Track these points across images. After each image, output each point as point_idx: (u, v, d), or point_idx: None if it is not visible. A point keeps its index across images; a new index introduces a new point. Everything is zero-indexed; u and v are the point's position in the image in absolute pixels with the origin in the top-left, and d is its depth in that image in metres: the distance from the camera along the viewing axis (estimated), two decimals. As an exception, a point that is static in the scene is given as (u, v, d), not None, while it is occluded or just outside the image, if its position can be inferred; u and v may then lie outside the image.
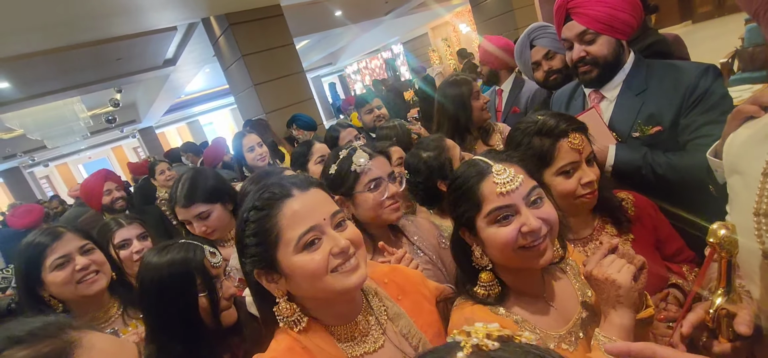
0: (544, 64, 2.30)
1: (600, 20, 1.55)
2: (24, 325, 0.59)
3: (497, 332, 0.38)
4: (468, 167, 1.03)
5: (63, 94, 8.80)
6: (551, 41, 2.26)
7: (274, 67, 6.20)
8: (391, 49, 18.64)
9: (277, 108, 6.09)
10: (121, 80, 9.29)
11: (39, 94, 8.11)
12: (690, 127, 1.49)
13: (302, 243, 0.88)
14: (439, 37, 16.88)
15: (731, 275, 0.76)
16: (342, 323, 0.97)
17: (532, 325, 1.00)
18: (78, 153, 19.05)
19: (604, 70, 1.63)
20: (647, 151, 1.54)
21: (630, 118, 1.60)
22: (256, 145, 2.98)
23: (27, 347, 0.55)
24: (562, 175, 1.24)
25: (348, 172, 1.38)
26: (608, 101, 1.69)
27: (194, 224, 1.78)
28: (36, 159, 15.78)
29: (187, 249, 1.27)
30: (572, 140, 1.23)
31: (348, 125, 2.99)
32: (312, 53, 15.68)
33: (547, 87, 2.40)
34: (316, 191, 0.95)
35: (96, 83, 8.78)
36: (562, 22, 1.66)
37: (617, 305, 0.93)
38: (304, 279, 0.89)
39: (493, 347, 0.37)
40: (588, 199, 1.25)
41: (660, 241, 1.36)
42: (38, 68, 6.79)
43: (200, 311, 1.24)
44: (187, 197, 1.78)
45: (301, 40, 11.85)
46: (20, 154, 14.30)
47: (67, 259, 1.46)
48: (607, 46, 1.59)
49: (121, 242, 1.86)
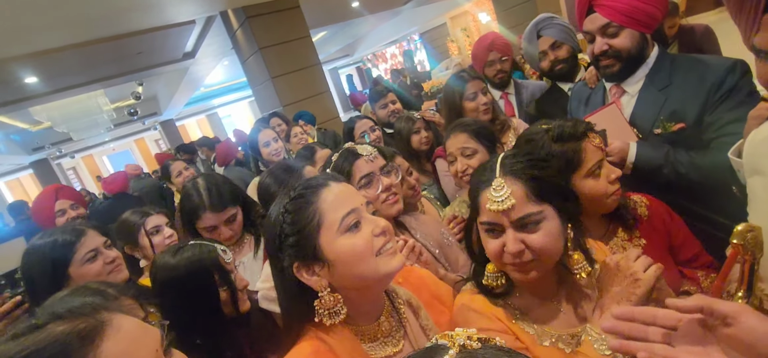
0: (550, 54, 2.30)
1: (623, 12, 1.50)
2: (65, 303, 0.67)
3: (476, 334, 0.43)
4: (481, 170, 1.03)
5: (87, 87, 9.02)
6: (558, 31, 2.25)
7: (291, 60, 6.24)
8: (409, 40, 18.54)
9: (293, 101, 6.13)
10: (142, 73, 9.47)
11: (65, 88, 8.32)
12: (715, 124, 1.44)
13: (345, 225, 0.89)
14: (458, 27, 16.67)
15: (753, 278, 0.74)
16: (366, 322, 0.98)
17: (532, 320, 1.01)
18: (102, 145, 19.52)
19: (627, 64, 1.58)
20: (669, 149, 1.49)
21: (652, 115, 1.56)
22: (272, 140, 3.00)
23: (65, 323, 0.62)
24: (591, 178, 1.22)
25: (340, 173, 1.37)
26: (629, 96, 1.65)
27: (222, 229, 1.76)
28: (63, 151, 16.24)
29: (201, 248, 1.33)
30: (593, 140, 1.21)
31: (365, 117, 2.99)
32: (329, 45, 15.69)
33: (552, 77, 2.40)
34: (347, 185, 0.98)
35: (118, 77, 8.97)
36: (584, 13, 1.61)
37: (624, 302, 0.92)
38: (350, 262, 0.89)
39: (476, 346, 0.43)
40: (617, 195, 1.24)
41: (674, 246, 1.32)
42: (64, 62, 6.97)
43: (221, 305, 1.32)
44: (219, 201, 1.76)
45: (317, 32, 11.87)
46: (48, 146, 14.75)
47: (96, 252, 1.55)
48: (630, 40, 1.54)
49: (153, 228, 1.96)
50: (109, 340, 0.62)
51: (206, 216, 1.74)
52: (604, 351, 0.89)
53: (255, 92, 6.93)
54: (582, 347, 0.93)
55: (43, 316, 0.64)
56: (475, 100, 2.20)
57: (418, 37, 18.03)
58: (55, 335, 0.60)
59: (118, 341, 0.63)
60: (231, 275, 1.35)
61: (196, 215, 1.76)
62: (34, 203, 2.86)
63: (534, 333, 0.99)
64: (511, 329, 0.99)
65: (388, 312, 1.02)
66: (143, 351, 0.66)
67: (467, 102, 2.22)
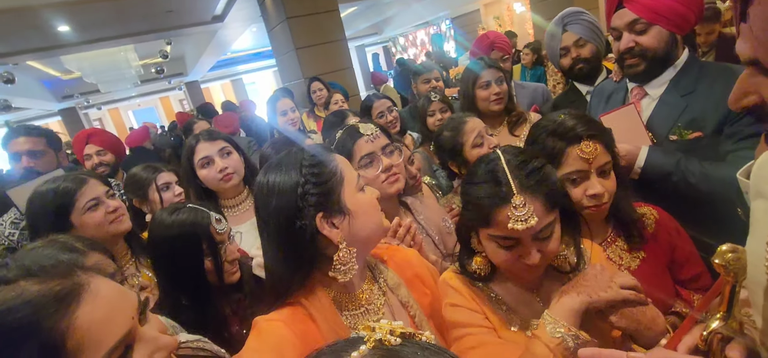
0: (573, 51, 2.20)
1: (654, 9, 1.44)
2: (37, 258, 0.62)
3: (400, 329, 0.40)
4: (488, 181, 0.97)
5: (117, 41, 9.18)
6: (584, 29, 2.15)
7: (317, 32, 6.21)
8: (439, 24, 18.27)
9: (316, 73, 6.13)
10: (171, 32, 9.58)
11: (96, 40, 8.48)
12: (734, 137, 1.39)
13: (359, 184, 1.01)
14: (491, 14, 16.33)
15: (733, 301, 0.72)
16: (347, 291, 1.01)
17: (511, 307, 1.03)
18: (128, 100, 19.95)
19: (652, 65, 1.53)
20: (682, 158, 1.44)
21: (670, 120, 1.51)
22: (289, 110, 3.02)
23: (39, 282, 0.58)
24: (569, 182, 1.20)
25: (342, 153, 1.35)
26: (651, 99, 1.60)
27: (216, 161, 1.80)
28: (90, 101, 16.64)
29: (196, 213, 1.36)
30: (583, 148, 1.16)
31: (383, 96, 2.98)
32: (358, 21, 15.58)
33: (571, 76, 2.32)
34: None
35: (148, 33, 9.10)
36: (613, 8, 1.56)
37: (583, 292, 0.93)
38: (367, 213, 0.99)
39: (395, 342, 0.39)
40: (592, 211, 1.20)
41: (676, 263, 1.28)
42: (97, 14, 7.10)
43: (205, 272, 1.35)
44: (210, 134, 1.89)
45: (347, 7, 11.78)
46: (77, 96, 15.13)
47: (98, 201, 1.56)
48: (658, 39, 1.48)
49: (163, 185, 2.00)
50: (86, 305, 0.59)
51: (200, 146, 1.82)
52: (554, 335, 0.90)
53: (279, 62, 6.95)
54: (536, 330, 0.94)
55: (14, 269, 0.60)
56: (487, 89, 2.16)
57: (448, 21, 17.76)
58: (27, 296, 0.56)
59: (95, 308, 0.60)
60: (220, 245, 1.37)
61: (192, 150, 1.83)
62: (73, 141, 3.05)
63: (503, 316, 1.03)
64: (483, 309, 1.04)
65: (370, 282, 1.06)
66: (120, 318, 0.62)
67: (479, 90, 2.18)
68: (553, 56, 2.33)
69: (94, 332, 0.58)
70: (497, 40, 2.86)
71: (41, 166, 2.24)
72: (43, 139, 2.30)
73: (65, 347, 0.55)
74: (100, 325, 0.59)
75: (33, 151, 2.23)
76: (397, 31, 19.65)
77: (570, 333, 0.89)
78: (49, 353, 0.54)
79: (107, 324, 0.60)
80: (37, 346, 0.54)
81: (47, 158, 2.28)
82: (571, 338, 0.89)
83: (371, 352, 0.38)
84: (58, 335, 0.55)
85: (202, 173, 1.81)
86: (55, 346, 0.55)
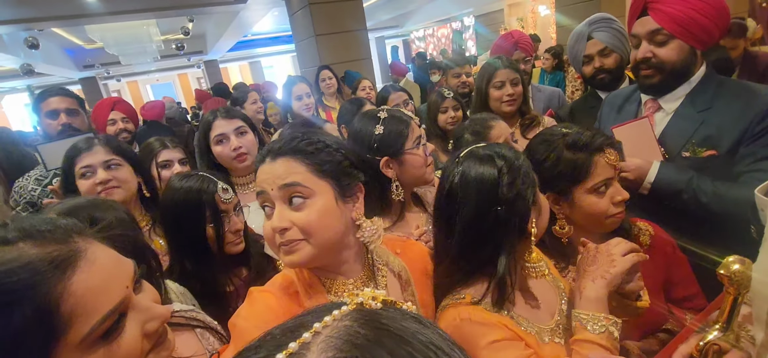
0: (596, 60, 2.11)
1: (677, 21, 1.40)
2: (36, 222, 0.63)
3: (382, 297, 0.41)
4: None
5: (142, 14, 9.26)
6: (611, 37, 2.07)
7: (337, 21, 6.22)
8: (461, 20, 18.13)
9: (333, 62, 6.14)
10: (194, 10, 9.63)
11: (120, 11, 8.54)
12: (749, 157, 1.36)
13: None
14: (514, 15, 16.17)
15: (734, 313, 0.73)
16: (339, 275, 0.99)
17: (528, 320, 1.00)
18: (147, 74, 20.15)
19: (668, 79, 1.49)
20: (694, 176, 1.41)
21: (684, 136, 1.47)
22: (305, 95, 3.04)
23: (37, 245, 0.59)
24: (595, 194, 1.17)
25: (400, 132, 1.35)
26: (665, 113, 1.56)
27: (232, 139, 1.83)
28: (110, 73, 16.85)
29: (203, 181, 1.40)
30: (609, 156, 1.16)
31: (400, 88, 2.99)
32: (380, 12, 15.52)
33: (592, 85, 2.26)
34: None
35: (171, 9, 9.16)
36: (637, 14, 1.52)
37: (598, 279, 0.94)
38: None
39: (375, 306, 0.40)
40: (619, 218, 1.19)
41: (670, 282, 1.27)
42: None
43: (207, 239, 1.39)
44: (228, 111, 1.91)
45: (370, -2, 11.77)
46: (98, 66, 15.33)
47: (90, 171, 1.58)
48: (677, 52, 1.44)
49: (163, 162, 1.98)
50: (81, 272, 0.59)
51: (217, 123, 1.85)
52: (598, 330, 0.90)
53: (298, 47, 6.97)
54: (577, 333, 0.93)
55: (13, 231, 0.60)
56: (501, 90, 2.14)
57: (471, 19, 17.61)
58: (25, 259, 0.56)
59: (91, 275, 0.60)
60: (223, 214, 1.41)
61: (209, 126, 1.86)
62: (94, 108, 3.10)
63: (535, 333, 0.99)
64: (520, 334, 0.96)
65: (366, 277, 1.02)
66: (114, 286, 0.63)
67: (493, 89, 2.17)
68: (574, 62, 2.28)
69: (88, 298, 0.59)
70: (521, 40, 2.84)
71: (78, 124, 2.30)
72: (74, 100, 2.36)
73: (59, 311, 0.56)
74: (94, 292, 0.60)
75: (69, 110, 2.29)
76: (418, 25, 19.54)
77: (610, 322, 0.91)
78: (42, 317, 0.55)
79: (102, 292, 0.61)
80: (32, 309, 0.54)
81: (80, 118, 2.35)
82: (614, 326, 0.91)
83: (352, 312, 0.39)
84: (53, 300, 0.56)
85: (217, 150, 1.84)
86: (48, 310, 0.55)
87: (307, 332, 0.36)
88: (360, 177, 0.99)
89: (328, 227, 0.89)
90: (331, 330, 0.37)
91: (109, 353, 0.61)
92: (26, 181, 2.20)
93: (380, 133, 1.34)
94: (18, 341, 0.54)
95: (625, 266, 0.94)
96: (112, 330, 0.62)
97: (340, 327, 0.37)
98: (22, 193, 2.16)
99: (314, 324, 0.37)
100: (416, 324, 0.39)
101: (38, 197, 2.13)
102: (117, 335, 0.63)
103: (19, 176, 2.25)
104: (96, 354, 0.60)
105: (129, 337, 0.64)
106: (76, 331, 0.58)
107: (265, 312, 0.90)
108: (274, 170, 0.88)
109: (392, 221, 1.41)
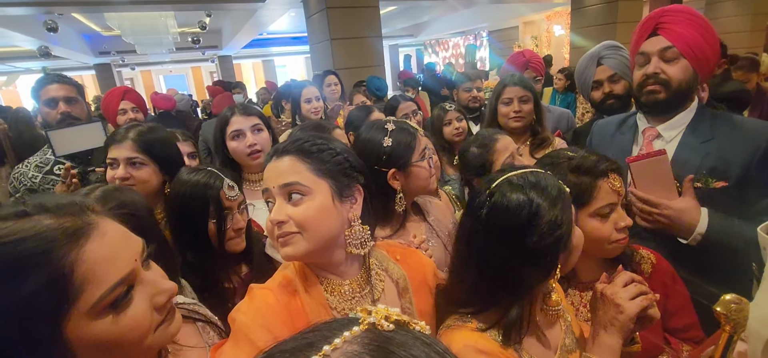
0: (606, 86, 2.16)
1: (687, 41, 1.44)
2: (53, 198, 0.68)
3: (396, 316, 0.40)
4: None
5: (161, 6, 9.38)
6: (620, 64, 2.11)
7: (353, 26, 6.26)
8: (476, 34, 18.18)
9: (346, 67, 6.17)
10: (212, 5, 9.74)
11: (141, 1, 8.65)
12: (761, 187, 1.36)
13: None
14: (529, 33, 16.22)
15: (728, 350, 0.73)
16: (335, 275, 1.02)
17: (530, 354, 0.98)
18: (161, 64, 20.32)
19: (672, 97, 1.50)
20: (735, 221, 1.34)
21: (692, 166, 1.46)
22: (314, 98, 3.06)
23: (53, 218, 0.63)
24: (598, 218, 1.16)
25: (408, 144, 1.37)
26: (664, 141, 1.56)
27: (247, 136, 1.85)
28: (125, 61, 17.01)
29: (210, 176, 1.43)
30: (613, 181, 1.15)
31: (409, 98, 3.00)
32: (395, 20, 15.62)
33: (600, 110, 2.28)
34: None
35: (191, 3, 9.27)
36: (646, 35, 1.55)
37: (610, 327, 0.93)
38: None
39: (388, 327, 0.39)
40: (621, 244, 1.17)
41: (668, 311, 1.25)
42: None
43: (209, 234, 1.41)
44: (245, 108, 1.93)
45: (387, 6, 11.82)
46: (113, 53, 15.49)
47: (113, 163, 1.61)
48: (685, 73, 1.47)
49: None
50: (93, 242, 0.63)
51: (234, 119, 1.87)
52: None
53: (312, 50, 7.02)
54: None
55: (31, 205, 0.64)
56: (508, 106, 2.15)
57: (486, 34, 17.66)
58: (40, 228, 0.61)
59: (101, 246, 0.64)
60: (227, 211, 1.43)
61: (226, 121, 1.88)
62: (105, 96, 3.11)
63: None
64: None
65: (362, 280, 1.04)
66: (123, 258, 0.67)
67: (501, 105, 2.18)
68: (583, 87, 2.29)
69: (99, 266, 0.63)
70: (532, 59, 2.86)
71: (77, 113, 2.26)
72: (73, 88, 2.31)
73: (72, 277, 0.60)
74: (105, 262, 0.63)
75: (68, 98, 2.25)
76: (432, 36, 19.62)
77: None
78: (56, 283, 0.59)
79: (112, 262, 0.65)
80: (45, 275, 0.58)
81: (79, 106, 2.30)
82: None
83: (363, 334, 0.38)
84: (67, 266, 0.60)
85: (232, 145, 1.86)
86: (62, 276, 0.59)
87: (316, 355, 0.36)
88: (359, 179, 1.02)
89: (322, 224, 0.93)
90: (339, 355, 0.36)
91: (118, 323, 0.65)
92: (26, 167, 2.17)
93: (389, 146, 1.35)
94: (32, 306, 0.58)
95: (631, 314, 0.92)
96: (121, 300, 0.65)
97: (348, 353, 0.36)
98: (22, 179, 2.13)
99: (323, 347, 0.37)
100: (426, 349, 0.38)
101: (39, 184, 2.11)
102: (125, 305, 0.66)
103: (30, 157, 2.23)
104: (105, 323, 0.63)
105: (137, 308, 0.67)
106: (86, 298, 0.61)
107: (263, 309, 0.93)
108: (278, 168, 0.95)
109: (393, 230, 1.42)
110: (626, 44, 2.21)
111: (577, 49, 8.42)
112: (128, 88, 3.08)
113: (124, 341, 0.65)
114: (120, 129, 1.66)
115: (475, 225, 0.96)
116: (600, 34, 7.53)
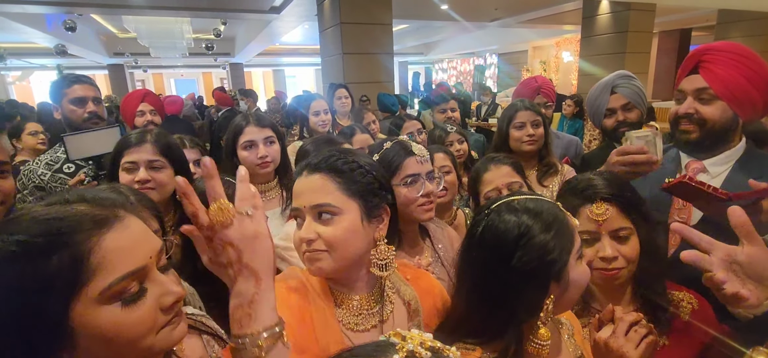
0: (619, 114, 2.14)
1: (725, 83, 1.40)
2: (96, 192, 0.74)
3: (430, 342, 0.41)
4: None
5: (179, 12, 9.57)
6: (633, 93, 2.11)
7: (366, 42, 6.35)
8: (485, 56, 18.30)
9: (356, 81, 6.24)
10: (228, 14, 9.90)
11: (159, 6, 8.78)
12: None
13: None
14: (538, 58, 16.34)
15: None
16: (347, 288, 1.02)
17: None
18: (173, 68, 20.58)
19: (706, 137, 1.46)
20: None
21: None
22: (322, 111, 3.08)
23: (87, 206, 0.68)
24: (583, 241, 1.06)
25: (389, 164, 1.33)
26: (709, 176, 1.51)
27: (260, 146, 1.88)
28: (138, 63, 17.23)
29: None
30: (593, 209, 1.12)
31: (414, 118, 3.03)
32: (407, 38, 15.76)
33: (612, 138, 2.28)
34: None
35: (208, 10, 9.44)
36: (687, 71, 1.51)
37: None
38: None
39: (425, 355, 0.40)
40: (607, 275, 1.13)
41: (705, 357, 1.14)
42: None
43: None
44: (259, 119, 1.95)
45: (399, 23, 11.95)
46: (127, 55, 15.71)
47: (133, 167, 1.60)
48: (720, 113, 1.43)
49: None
50: (114, 232, 0.67)
51: (248, 129, 1.89)
52: None
53: (324, 63, 7.10)
54: None
55: (74, 195, 0.72)
56: (521, 130, 2.17)
57: (495, 56, 17.79)
58: (74, 212, 0.66)
59: (121, 236, 0.68)
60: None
61: (240, 130, 1.89)
62: (125, 97, 3.16)
63: None
64: None
65: (372, 298, 1.04)
66: (140, 252, 0.70)
67: (513, 130, 2.20)
68: (595, 114, 2.30)
69: (114, 255, 0.65)
70: (544, 85, 2.89)
71: (101, 113, 2.31)
72: (98, 90, 2.36)
73: (89, 260, 0.63)
74: (120, 252, 0.66)
75: (96, 99, 2.29)
76: (443, 55, 19.77)
77: None
78: (75, 263, 0.62)
79: (127, 254, 0.67)
80: (68, 255, 0.62)
81: (102, 107, 2.35)
82: None
83: None
84: (86, 249, 0.63)
85: (243, 154, 1.87)
86: (80, 258, 0.62)
87: None
88: (387, 199, 1.02)
89: (350, 244, 0.94)
90: None
91: (122, 315, 0.66)
92: (36, 165, 2.17)
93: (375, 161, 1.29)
94: (50, 282, 0.61)
95: None
96: (131, 294, 0.67)
97: None
98: (32, 176, 2.12)
99: None
100: None
101: (48, 182, 2.11)
102: (134, 300, 0.68)
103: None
104: (110, 312, 0.65)
105: (143, 305, 0.69)
106: (96, 283, 0.63)
107: (283, 309, 0.91)
108: (310, 184, 0.95)
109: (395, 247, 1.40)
110: (635, 74, 2.26)
111: (586, 75, 8.48)
112: (148, 91, 3.13)
113: (125, 334, 0.67)
114: (132, 133, 1.67)
115: (470, 242, 0.94)
116: (609, 63, 7.59)
